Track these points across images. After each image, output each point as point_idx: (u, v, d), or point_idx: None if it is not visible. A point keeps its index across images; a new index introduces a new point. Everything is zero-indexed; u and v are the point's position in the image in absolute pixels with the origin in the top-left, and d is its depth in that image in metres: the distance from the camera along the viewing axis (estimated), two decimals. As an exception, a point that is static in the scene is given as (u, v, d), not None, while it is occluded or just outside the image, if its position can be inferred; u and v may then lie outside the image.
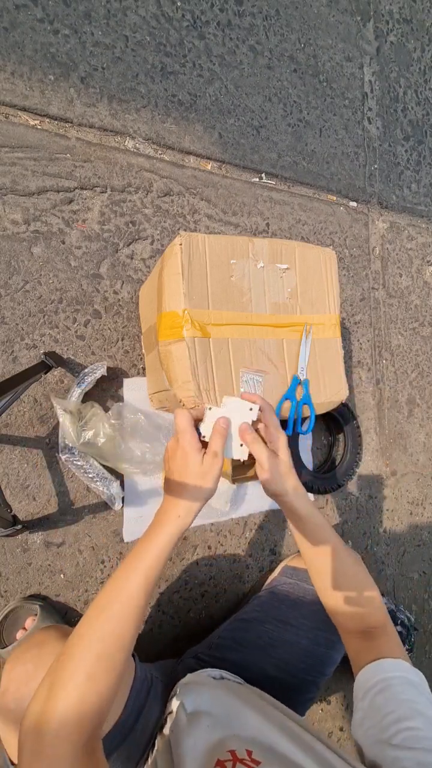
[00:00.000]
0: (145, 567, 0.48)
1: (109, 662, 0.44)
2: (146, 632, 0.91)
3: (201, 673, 0.69)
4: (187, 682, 0.66)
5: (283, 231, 1.16)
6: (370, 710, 0.48)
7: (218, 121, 1.09)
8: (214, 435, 0.53)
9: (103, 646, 0.44)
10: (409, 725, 0.44)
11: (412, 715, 0.45)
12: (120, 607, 0.46)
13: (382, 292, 1.32)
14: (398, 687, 0.48)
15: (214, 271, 0.72)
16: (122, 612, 0.46)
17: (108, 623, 0.45)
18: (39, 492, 0.84)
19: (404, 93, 1.42)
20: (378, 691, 0.49)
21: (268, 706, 0.59)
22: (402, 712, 0.45)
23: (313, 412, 0.81)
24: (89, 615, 0.46)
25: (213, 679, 0.67)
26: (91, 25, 0.95)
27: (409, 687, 0.48)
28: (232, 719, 0.55)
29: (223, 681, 0.67)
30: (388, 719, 0.45)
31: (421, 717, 0.45)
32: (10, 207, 0.86)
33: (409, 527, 1.29)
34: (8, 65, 0.87)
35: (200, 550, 0.97)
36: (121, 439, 0.81)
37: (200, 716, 0.56)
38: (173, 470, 0.53)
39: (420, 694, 0.48)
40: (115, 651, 0.44)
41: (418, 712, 0.45)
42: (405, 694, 0.47)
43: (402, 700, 0.47)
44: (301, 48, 1.22)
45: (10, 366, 0.83)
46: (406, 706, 0.46)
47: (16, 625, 0.77)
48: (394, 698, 0.47)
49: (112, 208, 0.95)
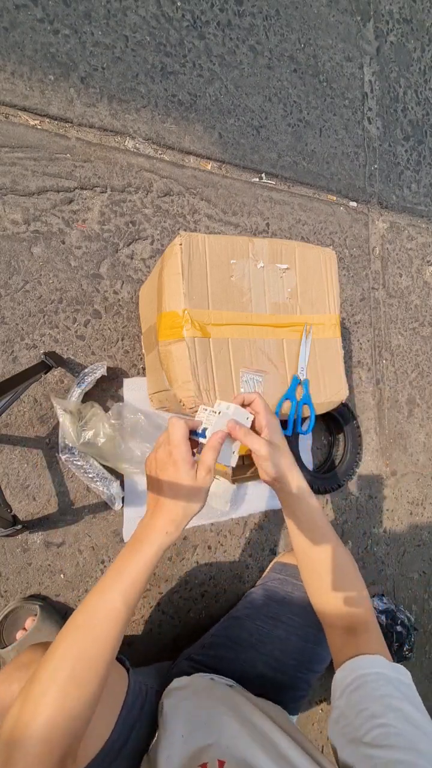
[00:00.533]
0: (127, 584, 0.46)
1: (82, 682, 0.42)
2: (146, 632, 0.91)
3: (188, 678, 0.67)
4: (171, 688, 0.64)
5: (283, 231, 1.16)
6: (347, 708, 0.47)
7: (218, 121, 1.09)
8: (207, 450, 0.51)
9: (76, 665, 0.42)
10: (381, 722, 0.43)
11: (385, 712, 0.44)
12: (97, 626, 0.44)
13: (382, 292, 1.31)
14: (373, 683, 0.47)
15: (214, 271, 0.72)
16: (99, 631, 0.44)
17: (82, 642, 0.44)
18: (39, 492, 0.84)
19: (404, 93, 1.42)
20: (354, 689, 0.48)
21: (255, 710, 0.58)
22: (375, 709, 0.45)
23: (313, 412, 0.81)
24: (64, 633, 0.45)
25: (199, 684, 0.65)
26: (91, 25, 0.95)
27: (384, 683, 0.47)
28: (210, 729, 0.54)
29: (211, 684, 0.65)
30: (361, 716, 0.45)
31: (394, 713, 0.44)
32: (10, 207, 0.86)
33: (409, 527, 1.29)
34: (8, 65, 0.87)
35: (200, 550, 0.97)
36: (121, 439, 0.81)
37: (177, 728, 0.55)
38: (163, 483, 0.50)
39: (395, 689, 0.47)
40: (89, 671, 0.43)
41: (392, 708, 0.44)
42: (380, 690, 0.46)
43: (376, 697, 0.46)
44: (301, 48, 1.22)
45: (10, 366, 0.83)
46: (380, 703, 0.45)
47: (16, 625, 0.77)
48: (369, 695, 0.46)
49: (112, 208, 0.95)
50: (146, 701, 0.63)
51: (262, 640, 0.76)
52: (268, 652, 0.74)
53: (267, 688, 0.67)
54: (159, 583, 0.93)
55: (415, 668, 1.24)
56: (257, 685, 0.65)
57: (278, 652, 0.74)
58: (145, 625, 0.91)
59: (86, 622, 0.45)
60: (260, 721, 0.55)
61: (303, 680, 0.74)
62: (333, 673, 0.53)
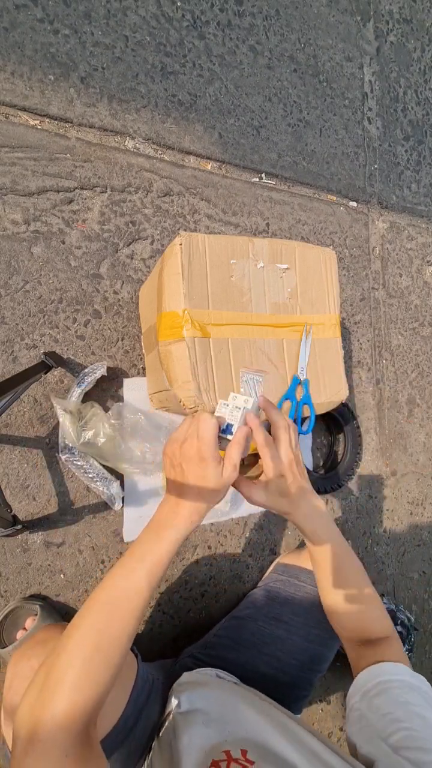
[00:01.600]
0: (152, 566, 0.47)
1: (106, 654, 0.43)
2: (146, 632, 0.91)
3: (197, 672, 0.68)
4: (182, 682, 0.66)
5: (283, 231, 1.16)
6: (368, 711, 0.48)
7: (218, 121, 1.09)
8: (233, 446, 0.52)
9: (101, 638, 0.44)
10: (406, 726, 0.44)
11: (410, 717, 0.45)
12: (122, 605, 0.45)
13: (382, 292, 1.31)
14: (397, 690, 0.48)
15: (214, 271, 0.72)
16: (124, 609, 0.45)
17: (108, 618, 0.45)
18: (39, 492, 0.84)
19: (404, 93, 1.42)
20: (376, 694, 0.49)
21: (264, 703, 0.59)
22: (400, 714, 0.45)
23: (313, 412, 0.81)
24: (87, 609, 0.46)
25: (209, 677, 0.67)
26: (91, 25, 0.94)
27: (408, 690, 0.48)
28: (228, 717, 0.55)
29: (219, 679, 0.67)
30: (385, 720, 0.46)
31: (419, 719, 0.45)
32: (10, 207, 0.86)
33: (409, 527, 1.29)
34: (8, 65, 0.87)
35: (200, 550, 0.97)
36: (121, 439, 0.81)
37: (195, 714, 0.56)
38: (189, 476, 0.51)
39: (419, 697, 0.48)
40: (113, 644, 0.44)
41: (417, 715, 0.45)
42: (403, 696, 0.47)
43: (400, 703, 0.47)
44: (301, 48, 1.22)
45: (10, 366, 0.83)
46: (404, 709, 0.46)
47: (16, 626, 0.77)
48: (393, 701, 0.47)
49: (112, 208, 0.95)
50: (153, 688, 0.64)
51: (264, 641, 0.76)
52: (270, 653, 0.74)
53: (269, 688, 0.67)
54: (159, 583, 0.93)
55: (415, 668, 1.23)
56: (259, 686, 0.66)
57: (280, 652, 0.74)
58: (145, 625, 0.91)
59: (112, 600, 0.46)
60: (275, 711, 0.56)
61: (305, 680, 0.74)
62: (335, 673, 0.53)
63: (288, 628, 0.76)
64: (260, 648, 0.75)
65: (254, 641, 0.76)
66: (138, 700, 0.60)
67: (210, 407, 0.71)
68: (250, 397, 0.55)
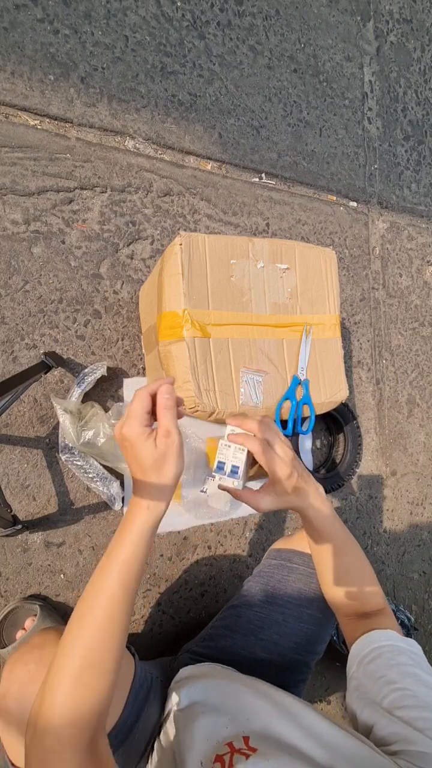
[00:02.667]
0: (119, 564, 0.46)
1: (98, 667, 0.43)
2: (146, 632, 0.91)
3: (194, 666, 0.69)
4: (180, 678, 0.66)
5: (283, 231, 1.16)
6: (364, 678, 0.50)
7: (218, 121, 1.09)
8: (161, 410, 0.48)
9: (89, 652, 0.43)
10: (398, 686, 0.46)
11: (401, 678, 0.47)
12: (101, 611, 0.45)
13: (382, 292, 1.31)
14: (389, 654, 0.51)
15: (214, 271, 0.72)
16: (104, 615, 0.45)
17: (90, 629, 0.44)
18: (39, 492, 0.84)
19: (404, 93, 1.42)
20: (370, 660, 0.51)
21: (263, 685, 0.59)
22: (392, 676, 0.48)
23: (313, 412, 0.81)
24: (71, 624, 0.45)
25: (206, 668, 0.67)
26: (91, 25, 0.94)
27: (399, 653, 0.51)
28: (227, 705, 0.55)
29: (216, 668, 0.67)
30: (379, 683, 0.48)
31: (411, 678, 0.47)
32: (10, 207, 0.86)
33: (409, 527, 1.29)
34: (8, 65, 0.87)
35: (200, 550, 0.97)
36: (121, 439, 0.81)
37: (195, 707, 0.56)
38: (129, 460, 0.49)
39: (409, 658, 0.50)
40: (103, 655, 0.43)
41: (408, 674, 0.48)
42: (395, 659, 0.50)
43: (392, 665, 0.49)
44: (301, 48, 1.22)
45: (10, 366, 0.83)
46: (396, 670, 0.48)
47: (15, 626, 0.77)
48: (385, 664, 0.50)
49: (112, 208, 0.95)
50: (152, 688, 0.64)
51: (260, 626, 0.76)
52: (267, 637, 0.75)
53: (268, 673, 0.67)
54: (159, 583, 0.93)
55: (415, 668, 1.23)
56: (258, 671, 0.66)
57: (276, 635, 0.74)
58: (145, 625, 0.91)
59: (88, 612, 0.45)
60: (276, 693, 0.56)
61: (302, 663, 0.74)
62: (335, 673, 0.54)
63: (283, 611, 0.76)
64: (256, 633, 0.75)
65: (250, 627, 0.77)
66: (136, 701, 0.60)
67: (210, 408, 0.71)
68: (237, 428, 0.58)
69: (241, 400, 0.73)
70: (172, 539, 0.95)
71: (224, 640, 0.76)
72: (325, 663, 0.79)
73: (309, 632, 0.75)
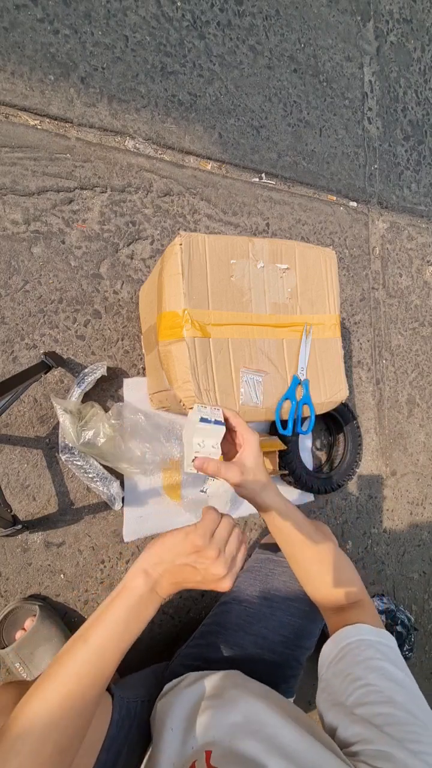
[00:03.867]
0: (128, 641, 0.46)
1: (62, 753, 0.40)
2: (146, 632, 0.91)
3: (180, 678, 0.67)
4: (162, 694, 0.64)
5: (283, 231, 1.16)
6: (332, 678, 0.48)
7: (218, 121, 1.09)
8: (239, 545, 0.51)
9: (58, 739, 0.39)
10: (362, 683, 0.44)
11: (366, 673, 0.45)
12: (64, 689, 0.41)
13: (382, 292, 1.31)
14: (356, 650, 0.49)
15: (214, 271, 0.72)
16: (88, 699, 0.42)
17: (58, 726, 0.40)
18: (39, 492, 0.84)
19: (404, 93, 1.42)
20: (339, 659, 0.49)
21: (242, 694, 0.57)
22: (358, 673, 0.46)
23: (313, 412, 0.81)
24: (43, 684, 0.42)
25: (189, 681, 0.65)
26: (91, 25, 0.94)
27: (366, 647, 0.48)
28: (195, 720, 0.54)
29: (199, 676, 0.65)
30: (345, 682, 0.46)
31: (375, 672, 0.45)
32: (10, 207, 0.86)
33: (409, 527, 1.29)
34: (8, 65, 0.87)
35: (200, 550, 0.97)
36: (121, 439, 0.81)
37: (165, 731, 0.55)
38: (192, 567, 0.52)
39: (376, 651, 0.48)
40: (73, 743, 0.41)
41: (372, 668, 0.45)
42: (361, 654, 0.48)
43: (358, 661, 0.47)
44: (301, 48, 1.22)
45: (10, 366, 0.83)
46: (361, 666, 0.46)
47: (15, 626, 0.77)
48: (352, 661, 0.47)
49: (112, 208, 0.95)
50: (134, 721, 0.61)
51: (249, 621, 0.76)
52: (256, 631, 0.74)
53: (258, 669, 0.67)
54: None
55: (415, 668, 1.24)
56: (248, 667, 0.65)
57: (266, 629, 0.74)
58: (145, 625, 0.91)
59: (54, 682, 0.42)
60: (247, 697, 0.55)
61: (292, 657, 0.74)
62: None
63: (271, 605, 0.76)
64: (246, 628, 0.75)
65: (240, 622, 0.76)
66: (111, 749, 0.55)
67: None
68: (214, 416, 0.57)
69: (241, 400, 0.73)
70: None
71: (215, 637, 0.76)
72: (322, 660, 0.79)
73: (297, 625, 0.75)
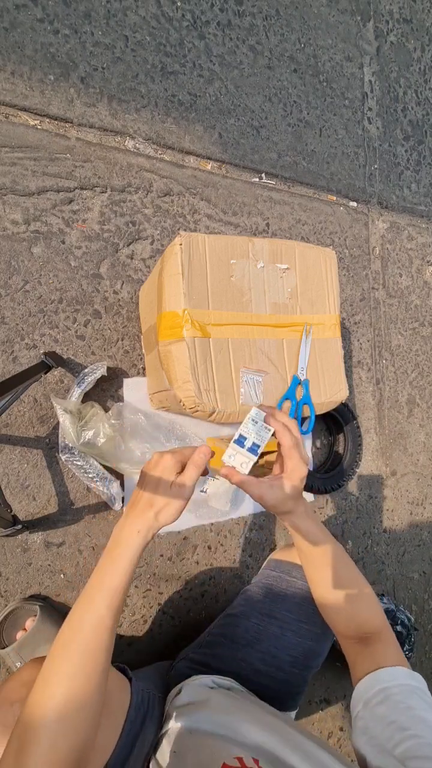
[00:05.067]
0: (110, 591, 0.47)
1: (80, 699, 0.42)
2: (147, 632, 0.91)
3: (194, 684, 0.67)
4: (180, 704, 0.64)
5: (283, 231, 1.16)
6: (372, 721, 0.48)
7: (218, 121, 1.09)
8: (190, 464, 0.52)
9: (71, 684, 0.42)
10: (410, 734, 0.44)
11: (413, 724, 0.45)
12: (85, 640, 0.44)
13: (382, 292, 1.31)
14: (397, 696, 0.48)
15: (214, 271, 0.72)
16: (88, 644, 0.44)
17: (74, 659, 0.43)
18: (39, 492, 0.84)
19: (404, 93, 1.42)
20: (378, 702, 0.49)
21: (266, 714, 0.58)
22: (403, 722, 0.45)
23: (313, 412, 0.81)
24: (53, 653, 0.45)
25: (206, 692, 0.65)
26: (91, 25, 0.94)
27: (408, 695, 0.48)
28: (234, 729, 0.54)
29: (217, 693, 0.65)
30: (390, 729, 0.45)
31: (422, 723, 0.45)
32: (10, 207, 0.86)
33: (409, 527, 1.29)
34: (8, 65, 0.87)
35: (200, 550, 0.97)
36: (121, 439, 0.81)
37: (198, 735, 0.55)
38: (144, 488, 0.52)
39: (420, 699, 0.48)
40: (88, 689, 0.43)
41: (419, 719, 0.45)
42: (405, 702, 0.47)
43: (402, 709, 0.47)
44: (301, 48, 1.22)
45: (10, 366, 0.83)
46: (406, 715, 0.46)
47: (16, 626, 0.77)
48: (395, 708, 0.47)
49: (112, 208, 0.95)
50: (149, 710, 0.62)
51: (258, 638, 0.76)
52: (264, 649, 0.74)
53: (264, 685, 0.67)
54: (159, 583, 0.93)
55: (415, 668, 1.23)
56: (254, 683, 0.66)
57: (274, 648, 0.74)
58: (145, 625, 0.91)
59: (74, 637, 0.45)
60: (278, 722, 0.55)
61: (299, 677, 0.74)
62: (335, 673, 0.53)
63: (281, 625, 0.76)
64: (254, 645, 0.75)
65: (248, 638, 0.76)
66: (131, 732, 0.57)
67: (210, 408, 0.71)
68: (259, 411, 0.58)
69: (241, 400, 0.73)
70: (172, 539, 0.95)
71: (221, 649, 0.76)
72: (326, 663, 0.79)
73: (307, 647, 0.74)
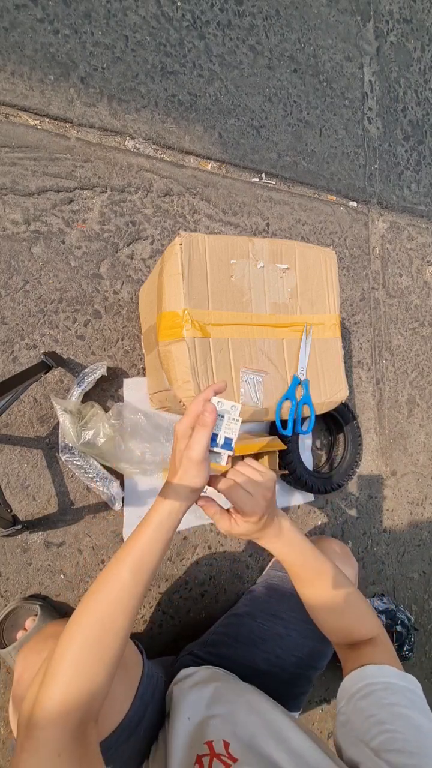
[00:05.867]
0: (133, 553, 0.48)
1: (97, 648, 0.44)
2: (146, 632, 0.91)
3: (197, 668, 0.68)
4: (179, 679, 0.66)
5: (283, 231, 1.16)
6: (353, 714, 0.48)
7: (218, 121, 1.09)
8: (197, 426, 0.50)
9: (91, 631, 0.44)
10: (389, 728, 0.44)
11: (393, 719, 0.45)
12: (108, 592, 0.46)
13: (382, 292, 1.31)
14: (381, 692, 0.49)
15: (214, 271, 0.72)
16: (110, 596, 0.46)
17: (96, 609, 0.46)
18: (39, 492, 0.84)
19: (404, 93, 1.42)
20: (361, 697, 0.49)
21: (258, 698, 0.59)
22: (383, 716, 0.46)
23: (313, 412, 0.81)
24: (80, 604, 0.47)
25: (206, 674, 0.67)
26: (91, 25, 0.94)
27: (392, 692, 0.49)
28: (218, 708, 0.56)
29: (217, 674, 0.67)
30: (368, 722, 0.46)
31: (402, 720, 0.45)
32: (10, 207, 0.86)
33: (409, 527, 1.29)
34: (8, 65, 0.87)
35: (200, 550, 0.97)
36: (121, 439, 0.81)
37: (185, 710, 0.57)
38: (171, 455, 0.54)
39: (403, 697, 0.48)
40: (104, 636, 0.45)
41: (400, 716, 0.46)
42: (388, 699, 0.48)
43: (384, 705, 0.47)
44: (301, 48, 1.22)
45: (10, 366, 0.83)
46: (387, 711, 0.46)
47: (16, 626, 0.77)
48: (377, 703, 0.48)
49: (112, 208, 0.95)
50: (156, 688, 0.65)
51: (263, 637, 0.76)
52: (269, 649, 0.75)
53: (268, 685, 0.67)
54: (159, 583, 0.93)
55: (415, 668, 1.24)
56: (258, 683, 0.66)
57: (279, 649, 0.74)
58: (145, 625, 0.91)
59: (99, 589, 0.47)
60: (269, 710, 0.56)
61: (303, 677, 0.74)
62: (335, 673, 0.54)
63: (286, 625, 0.76)
64: (259, 645, 0.75)
65: (253, 638, 0.77)
66: (144, 697, 0.60)
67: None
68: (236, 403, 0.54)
69: (241, 400, 0.73)
70: (172, 539, 0.95)
71: (226, 648, 0.76)
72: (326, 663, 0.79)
73: (312, 648, 0.75)
